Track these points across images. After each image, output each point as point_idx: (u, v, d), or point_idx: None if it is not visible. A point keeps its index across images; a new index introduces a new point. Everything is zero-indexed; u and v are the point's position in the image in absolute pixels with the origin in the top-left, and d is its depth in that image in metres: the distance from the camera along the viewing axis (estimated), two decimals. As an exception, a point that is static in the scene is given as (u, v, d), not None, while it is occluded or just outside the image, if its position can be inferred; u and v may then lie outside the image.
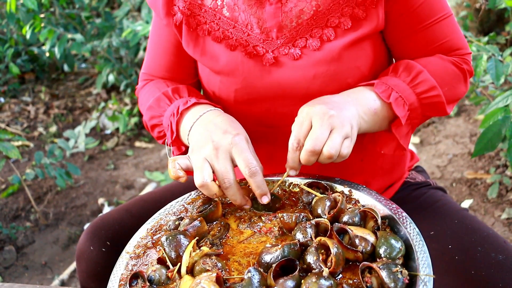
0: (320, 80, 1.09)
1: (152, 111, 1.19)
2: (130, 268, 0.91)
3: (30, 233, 2.80)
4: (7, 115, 4.23)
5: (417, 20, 1.11)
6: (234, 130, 1.01)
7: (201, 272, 0.82)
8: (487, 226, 1.10)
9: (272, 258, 0.82)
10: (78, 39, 3.37)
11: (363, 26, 1.08)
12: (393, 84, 1.06)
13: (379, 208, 0.93)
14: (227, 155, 0.98)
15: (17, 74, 4.35)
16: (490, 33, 2.73)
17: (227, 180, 0.97)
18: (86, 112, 4.16)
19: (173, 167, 1.00)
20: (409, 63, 1.10)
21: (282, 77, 1.11)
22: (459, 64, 1.14)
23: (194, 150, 1.02)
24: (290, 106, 1.12)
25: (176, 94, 1.18)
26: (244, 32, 1.12)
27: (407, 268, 0.79)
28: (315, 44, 1.09)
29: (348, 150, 0.95)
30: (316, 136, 0.92)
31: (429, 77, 1.07)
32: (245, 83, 1.13)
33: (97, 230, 1.22)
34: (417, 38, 1.13)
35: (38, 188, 3.19)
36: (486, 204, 2.50)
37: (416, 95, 1.07)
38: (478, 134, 2.97)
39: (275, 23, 1.10)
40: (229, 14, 1.12)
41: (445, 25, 1.13)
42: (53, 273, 2.50)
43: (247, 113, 1.17)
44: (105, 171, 3.35)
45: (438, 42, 1.13)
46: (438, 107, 1.10)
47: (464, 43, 1.17)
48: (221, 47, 1.14)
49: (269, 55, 1.11)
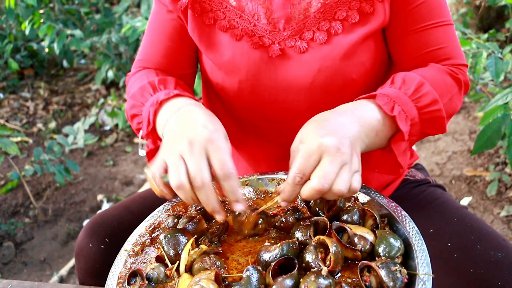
0: (325, 75, 1.08)
1: (134, 99, 1.12)
2: (129, 266, 0.90)
3: (29, 229, 2.80)
4: (6, 111, 4.23)
5: (413, 20, 1.08)
6: (212, 125, 0.92)
7: (200, 270, 0.82)
8: (487, 224, 1.10)
9: (271, 257, 0.81)
10: (77, 35, 3.36)
11: (371, 21, 1.07)
12: (395, 97, 0.97)
13: (378, 207, 0.93)
14: (202, 152, 0.87)
15: (16, 69, 4.35)
16: (490, 30, 2.73)
17: (199, 179, 0.85)
18: (85, 108, 4.16)
19: (157, 185, 0.89)
20: (408, 74, 1.03)
21: (287, 69, 1.10)
22: (455, 74, 1.08)
23: (168, 145, 0.92)
24: (294, 100, 1.11)
25: (161, 85, 1.11)
26: (251, 22, 1.10)
27: (406, 267, 0.79)
28: (322, 37, 1.08)
29: (359, 184, 0.86)
30: (326, 174, 0.83)
31: (431, 90, 1.00)
32: (249, 74, 1.11)
33: (96, 227, 1.21)
34: (410, 39, 1.09)
35: (37, 184, 3.19)
36: (485, 201, 2.50)
37: (418, 109, 0.98)
38: (478, 132, 2.97)
39: (283, 14, 1.09)
40: (236, 4, 1.11)
41: (442, 32, 1.09)
42: (52, 270, 2.50)
43: (249, 105, 1.16)
44: (104, 167, 3.35)
45: (432, 47, 1.09)
46: (438, 123, 1.02)
47: (460, 55, 1.12)
48: (226, 37, 1.12)
49: (276, 46, 1.10)
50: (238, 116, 1.23)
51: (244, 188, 1.06)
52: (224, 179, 0.87)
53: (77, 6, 3.99)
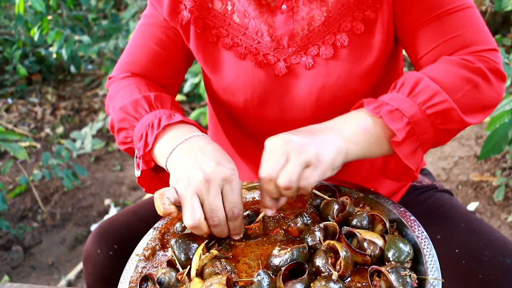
0: (330, 90, 1.06)
1: (125, 112, 1.06)
2: (140, 270, 0.91)
3: (37, 234, 2.82)
4: (15, 116, 4.26)
5: (425, 10, 1.00)
6: (228, 163, 0.91)
7: (211, 274, 0.83)
8: (495, 230, 1.09)
9: (281, 261, 0.82)
10: (85, 41, 3.39)
11: (376, 32, 1.04)
12: (388, 99, 0.93)
13: (387, 212, 0.93)
14: (218, 191, 0.88)
15: (24, 75, 4.38)
16: (496, 35, 2.72)
17: (216, 218, 0.88)
18: (93, 113, 4.18)
19: (162, 203, 0.87)
20: (407, 74, 0.97)
21: (293, 87, 1.09)
22: (471, 64, 0.96)
23: (181, 181, 0.90)
24: (301, 117, 1.10)
25: (158, 102, 1.07)
26: (254, 40, 1.08)
27: (416, 271, 0.79)
28: (328, 52, 1.05)
29: (309, 181, 0.85)
30: (264, 180, 0.88)
31: (430, 84, 0.93)
32: (255, 94, 1.10)
33: (104, 233, 1.21)
34: (425, 31, 1.00)
35: (45, 189, 3.21)
36: (492, 206, 2.49)
37: (418, 106, 0.91)
38: (484, 136, 2.96)
39: (287, 31, 1.06)
40: (240, 21, 1.09)
41: (461, 17, 0.99)
42: (60, 274, 2.51)
43: (256, 121, 1.15)
44: (112, 172, 3.36)
45: (449, 36, 0.99)
46: (449, 116, 0.92)
47: (483, 39, 1.00)
48: (230, 56, 1.10)
49: (281, 64, 1.08)
50: (245, 129, 1.22)
51: (253, 192, 1.07)
52: (231, 219, 0.90)
53: (85, 12, 4.03)
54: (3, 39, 4.57)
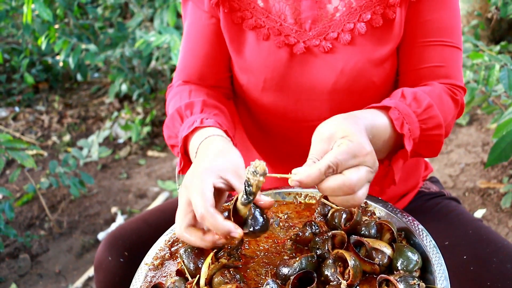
0: (347, 76, 1.11)
1: (169, 130, 1.15)
2: (149, 279, 0.92)
3: (45, 242, 2.83)
4: (22, 124, 4.29)
5: (421, 33, 1.11)
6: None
7: (220, 284, 0.83)
8: (502, 237, 1.10)
9: (290, 271, 0.83)
10: (91, 49, 3.41)
11: (394, 28, 1.10)
12: (405, 114, 0.96)
13: (394, 220, 0.94)
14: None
15: (31, 83, 4.42)
16: (502, 41, 2.73)
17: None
18: (99, 121, 4.20)
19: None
20: (417, 92, 1.02)
21: (311, 68, 1.14)
22: (454, 96, 1.09)
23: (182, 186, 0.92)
24: (317, 99, 1.14)
25: (188, 110, 1.13)
26: (277, 22, 1.14)
27: (424, 280, 0.80)
28: (346, 38, 1.11)
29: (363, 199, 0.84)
30: (360, 180, 0.80)
31: (437, 114, 1.00)
32: (275, 73, 1.15)
33: (115, 241, 1.22)
34: (416, 51, 1.12)
35: (52, 197, 3.23)
36: (500, 214, 2.49)
37: (421, 131, 0.98)
38: (491, 143, 2.96)
39: (311, 15, 1.13)
40: (263, 5, 1.15)
41: (448, 52, 1.11)
42: (67, 282, 2.52)
43: (273, 104, 1.19)
44: (118, 180, 3.38)
45: (433, 63, 1.11)
46: (434, 147, 1.02)
47: (460, 78, 1.12)
48: (252, 36, 1.16)
49: (301, 44, 1.13)
50: (260, 116, 1.25)
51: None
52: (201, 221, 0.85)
53: (92, 21, 4.05)
54: (10, 48, 4.61)
